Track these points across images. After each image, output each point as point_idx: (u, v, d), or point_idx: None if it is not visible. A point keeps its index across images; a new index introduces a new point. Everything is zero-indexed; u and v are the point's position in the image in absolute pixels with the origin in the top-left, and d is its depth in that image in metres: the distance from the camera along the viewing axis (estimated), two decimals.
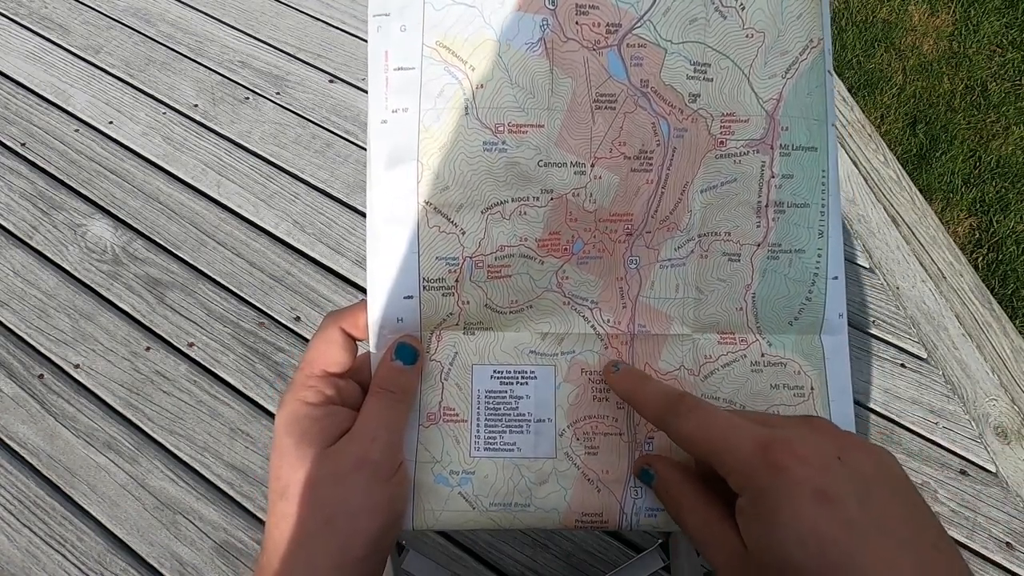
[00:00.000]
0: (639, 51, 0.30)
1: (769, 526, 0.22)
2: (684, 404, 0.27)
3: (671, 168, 0.31)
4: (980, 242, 1.34)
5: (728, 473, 0.24)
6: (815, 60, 0.32)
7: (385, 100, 0.30)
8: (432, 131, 0.30)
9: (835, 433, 0.25)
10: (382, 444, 0.28)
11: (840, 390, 0.32)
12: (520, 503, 0.31)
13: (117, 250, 0.95)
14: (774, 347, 0.32)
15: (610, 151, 0.31)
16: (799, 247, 0.32)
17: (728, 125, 0.31)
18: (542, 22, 0.30)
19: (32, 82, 1.12)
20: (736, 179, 0.32)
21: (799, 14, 0.31)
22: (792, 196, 0.32)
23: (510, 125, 0.30)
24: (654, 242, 0.32)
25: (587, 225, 0.31)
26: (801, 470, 0.22)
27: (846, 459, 0.23)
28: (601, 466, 0.31)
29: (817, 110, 0.32)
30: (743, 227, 0.32)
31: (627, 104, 0.31)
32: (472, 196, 0.30)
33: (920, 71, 1.58)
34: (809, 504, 0.22)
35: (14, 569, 0.72)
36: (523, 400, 0.31)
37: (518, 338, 0.32)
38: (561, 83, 0.30)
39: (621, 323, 0.32)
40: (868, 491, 0.22)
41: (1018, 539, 0.77)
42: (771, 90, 0.31)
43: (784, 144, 0.32)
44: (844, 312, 0.33)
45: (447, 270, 0.30)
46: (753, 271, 0.32)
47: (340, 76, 1.16)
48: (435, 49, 0.30)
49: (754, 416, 0.27)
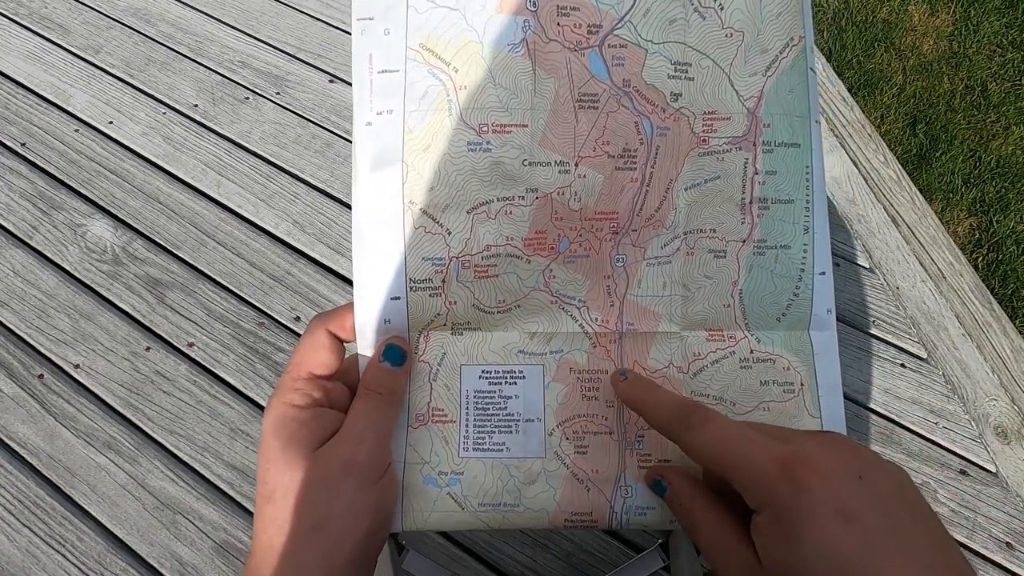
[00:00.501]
0: (620, 51, 0.31)
1: (791, 545, 0.22)
2: (696, 415, 0.26)
3: (655, 166, 0.31)
4: (980, 242, 1.34)
5: (745, 489, 0.24)
6: (796, 58, 0.32)
7: (370, 103, 0.30)
8: (417, 132, 0.30)
9: (855, 450, 0.25)
10: (369, 446, 0.28)
11: (830, 386, 0.32)
12: (509, 503, 0.31)
13: (117, 250, 0.95)
14: (763, 343, 0.32)
15: (594, 150, 0.31)
16: (784, 243, 0.32)
17: (710, 123, 0.31)
18: (524, 24, 0.30)
19: (32, 82, 1.12)
20: (720, 176, 0.32)
21: (778, 13, 0.32)
22: (776, 192, 0.32)
23: (494, 125, 0.30)
24: (640, 240, 0.32)
25: (573, 224, 0.31)
26: (824, 488, 0.22)
27: (867, 477, 0.23)
28: (591, 465, 0.31)
29: (800, 107, 0.32)
30: (728, 224, 0.32)
31: (610, 103, 0.31)
32: (457, 196, 0.30)
33: (920, 71, 1.58)
34: (833, 523, 0.21)
35: (14, 569, 0.72)
36: (512, 400, 0.31)
37: (506, 338, 0.32)
38: (544, 83, 0.31)
39: (609, 321, 0.32)
40: (889, 510, 0.22)
41: (1018, 539, 0.77)
42: (752, 88, 0.32)
43: (766, 141, 0.32)
44: (833, 308, 0.32)
45: (434, 270, 0.31)
46: (739, 267, 0.32)
47: (340, 76, 1.15)
48: (419, 51, 0.30)
49: (769, 429, 0.26)
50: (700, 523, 0.26)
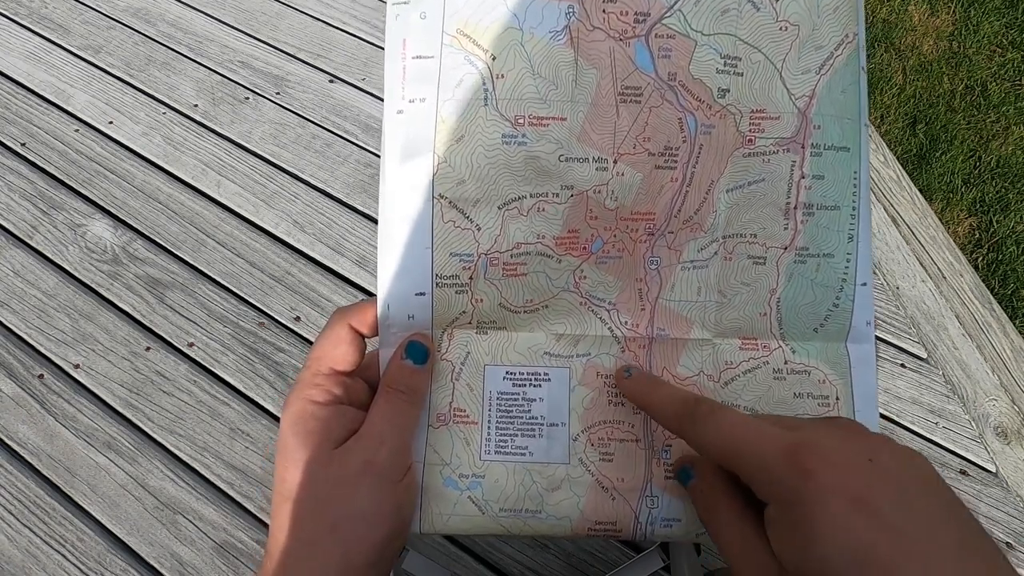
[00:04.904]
0: (668, 42, 0.29)
1: (806, 538, 0.21)
2: (701, 409, 0.25)
3: (697, 166, 0.30)
4: (980, 242, 1.34)
5: (753, 481, 0.23)
6: (850, 56, 0.30)
7: (402, 90, 0.29)
8: (450, 122, 0.29)
9: (863, 434, 0.24)
10: (390, 447, 0.27)
11: (866, 400, 0.31)
12: (531, 509, 0.29)
13: (117, 250, 0.95)
14: (798, 354, 0.31)
15: (634, 147, 0.30)
16: (828, 251, 0.31)
17: (758, 122, 0.30)
18: (567, 9, 0.29)
19: (32, 82, 1.12)
20: (764, 179, 0.30)
21: (835, 7, 0.30)
22: (822, 198, 0.30)
23: (531, 117, 0.29)
24: (676, 243, 0.30)
25: (607, 223, 0.30)
26: (832, 474, 0.21)
27: (878, 461, 0.22)
28: (616, 474, 0.30)
29: (851, 108, 0.30)
30: (770, 229, 0.30)
31: (653, 98, 0.29)
32: (489, 191, 0.29)
33: (920, 71, 1.58)
34: (847, 511, 0.20)
35: (14, 569, 0.72)
36: (536, 403, 0.30)
37: (532, 338, 0.30)
38: (585, 74, 0.29)
39: (639, 326, 0.31)
40: (905, 494, 0.21)
41: (1018, 539, 0.77)
42: (804, 86, 0.30)
43: (816, 143, 0.30)
44: (872, 320, 0.31)
45: (461, 267, 0.29)
46: (779, 275, 0.31)
47: (340, 76, 1.15)
48: (455, 37, 0.29)
49: (776, 419, 0.25)
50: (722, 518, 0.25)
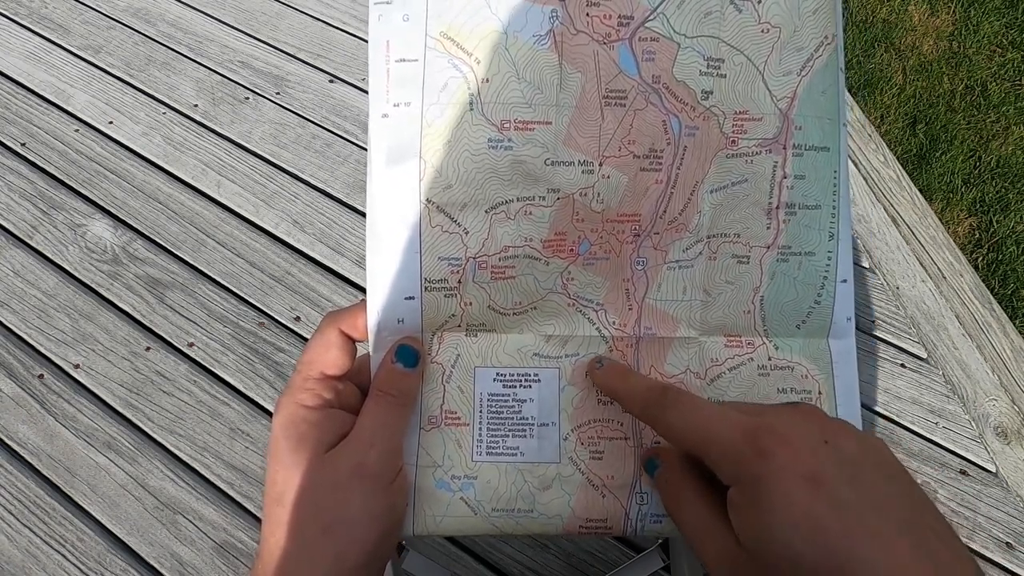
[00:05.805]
0: (651, 45, 0.29)
1: (761, 514, 0.22)
2: (668, 396, 0.26)
3: (681, 168, 0.30)
4: (980, 242, 1.34)
5: (716, 465, 0.24)
6: (830, 57, 0.31)
7: (386, 93, 0.29)
8: (435, 127, 0.29)
9: (821, 418, 0.25)
10: (380, 450, 0.27)
11: (847, 394, 0.31)
12: (523, 509, 0.30)
13: (117, 250, 0.95)
14: (781, 351, 0.31)
15: (619, 150, 0.30)
16: (809, 250, 0.31)
17: (741, 124, 0.30)
18: (551, 13, 0.29)
19: (32, 82, 1.12)
20: (747, 179, 0.31)
21: (815, 9, 0.30)
22: (804, 197, 0.31)
23: (516, 122, 0.29)
24: (662, 243, 0.31)
25: (594, 226, 0.30)
26: (788, 454, 0.22)
27: (833, 443, 0.23)
28: (606, 471, 0.30)
29: (830, 109, 0.31)
30: (753, 229, 0.31)
31: (637, 101, 0.30)
32: (476, 195, 0.29)
33: (920, 71, 1.58)
34: (800, 488, 0.21)
35: (14, 569, 0.72)
36: (526, 403, 0.30)
37: (521, 340, 0.31)
38: (570, 78, 0.29)
39: (627, 325, 0.31)
40: (858, 473, 0.22)
41: (1018, 539, 0.77)
42: (786, 88, 0.30)
43: (797, 144, 0.31)
44: (852, 316, 0.32)
45: (450, 271, 0.30)
46: (762, 274, 0.31)
47: (340, 76, 1.15)
48: (439, 40, 0.29)
49: (740, 406, 0.26)
50: (683, 501, 0.26)
